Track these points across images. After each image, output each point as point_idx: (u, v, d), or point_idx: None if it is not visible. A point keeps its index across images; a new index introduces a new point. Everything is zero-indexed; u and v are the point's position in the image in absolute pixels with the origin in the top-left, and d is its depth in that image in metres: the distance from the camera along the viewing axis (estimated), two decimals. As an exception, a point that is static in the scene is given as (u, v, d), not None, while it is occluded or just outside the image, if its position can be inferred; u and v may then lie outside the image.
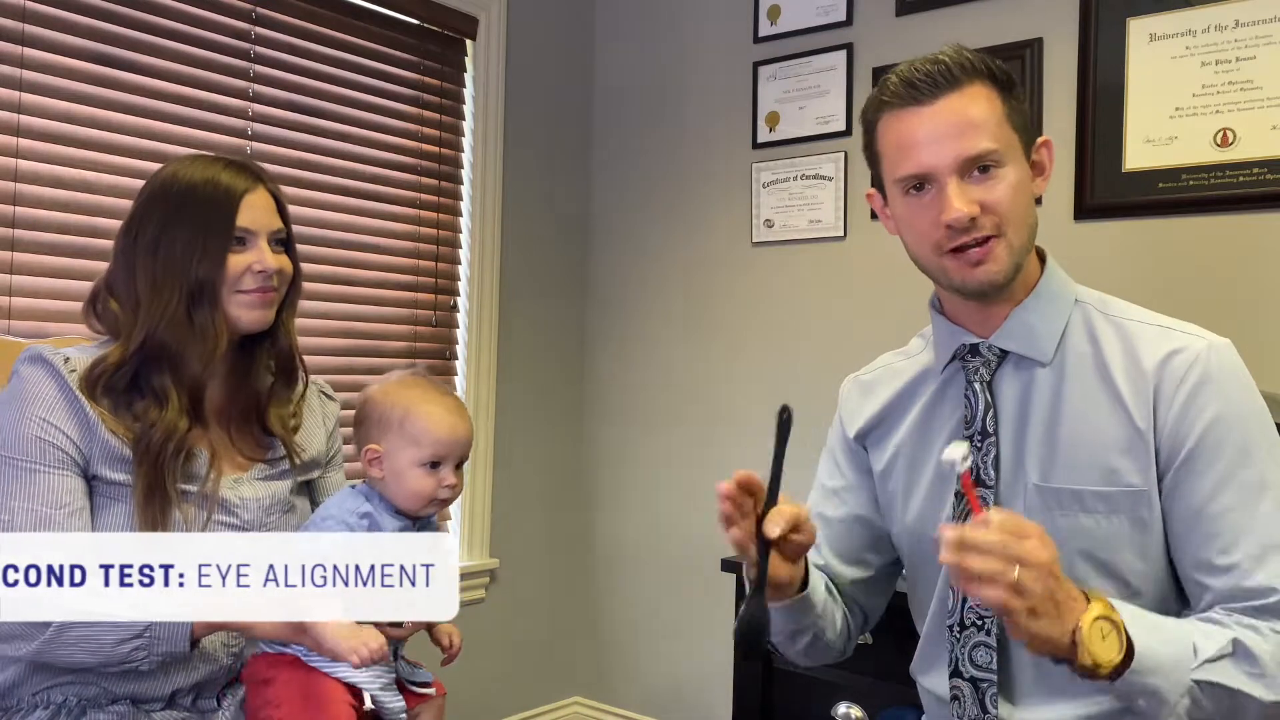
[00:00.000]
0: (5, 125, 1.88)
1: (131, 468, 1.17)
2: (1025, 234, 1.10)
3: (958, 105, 1.07)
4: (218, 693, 1.27)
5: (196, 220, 1.21)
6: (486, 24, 2.73)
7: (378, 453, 1.23)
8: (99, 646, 1.11)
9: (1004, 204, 1.07)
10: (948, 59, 1.09)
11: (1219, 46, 1.99)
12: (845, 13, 2.50)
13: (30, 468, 1.14)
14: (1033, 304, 1.13)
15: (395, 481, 1.23)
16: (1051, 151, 1.16)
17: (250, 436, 1.32)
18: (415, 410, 1.23)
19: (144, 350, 1.19)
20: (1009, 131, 1.09)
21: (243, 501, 1.25)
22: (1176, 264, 2.04)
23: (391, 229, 2.55)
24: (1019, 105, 1.11)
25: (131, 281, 1.22)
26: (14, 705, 1.17)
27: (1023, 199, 1.09)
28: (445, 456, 1.23)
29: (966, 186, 1.06)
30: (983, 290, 1.10)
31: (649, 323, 2.91)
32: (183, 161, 1.27)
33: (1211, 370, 1.06)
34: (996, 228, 1.07)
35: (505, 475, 2.80)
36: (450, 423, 1.24)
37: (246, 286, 1.23)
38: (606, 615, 2.98)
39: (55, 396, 1.16)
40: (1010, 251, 1.08)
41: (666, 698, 2.82)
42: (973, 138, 1.06)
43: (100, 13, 2.01)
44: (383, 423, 1.24)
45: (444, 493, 1.24)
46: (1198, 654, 0.97)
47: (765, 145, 2.65)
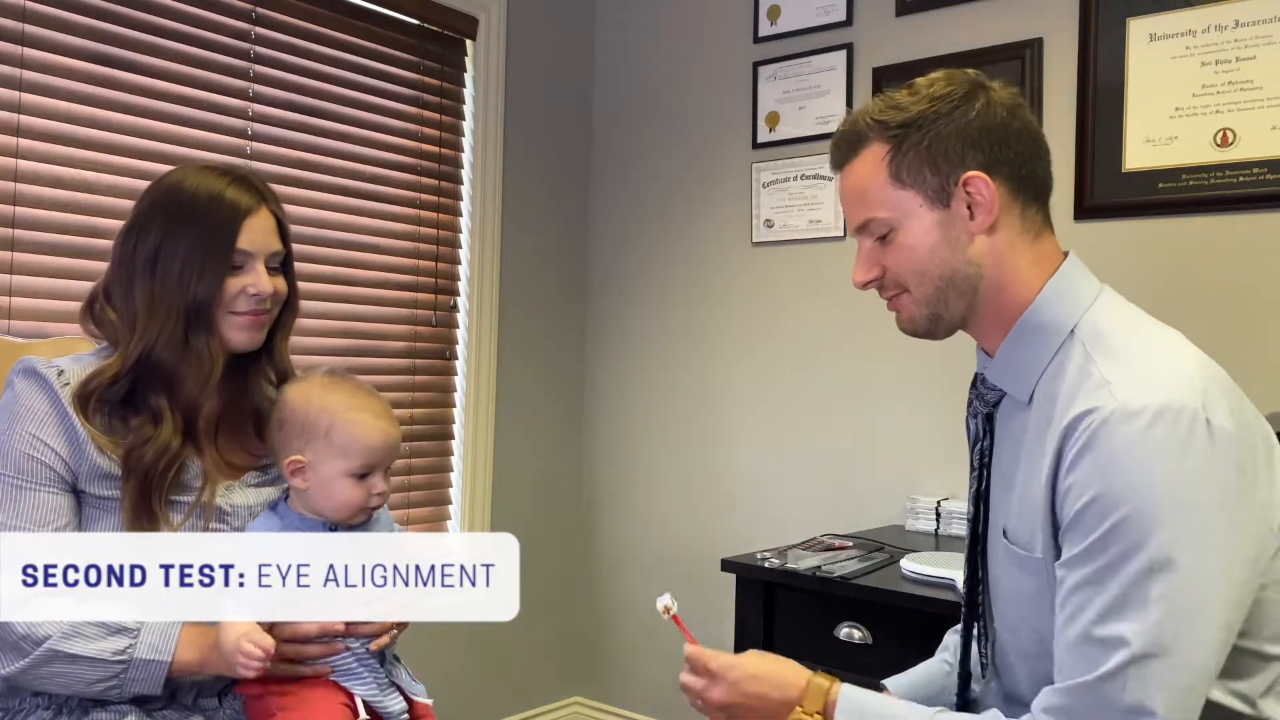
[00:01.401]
0: (5, 125, 1.88)
1: (119, 484, 1.16)
2: (931, 286, 1.07)
3: (851, 175, 1.10)
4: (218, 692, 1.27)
5: (196, 238, 1.20)
6: (486, 24, 2.72)
7: (301, 463, 1.18)
8: (73, 683, 1.11)
9: (898, 266, 1.08)
10: (844, 127, 1.11)
11: (1219, 46, 1.99)
12: (845, 13, 2.50)
13: (19, 484, 1.13)
14: (1016, 336, 1.06)
15: (322, 492, 1.19)
16: (985, 186, 1.04)
17: (242, 444, 1.31)
18: (342, 419, 1.19)
19: (140, 367, 1.19)
20: (897, 191, 1.06)
21: (234, 509, 1.24)
22: (1176, 264, 2.04)
23: (391, 229, 2.55)
24: (921, 152, 1.05)
25: (129, 294, 1.21)
26: (15, 706, 1.17)
27: (921, 254, 1.06)
28: (375, 465, 1.20)
29: (875, 248, 1.09)
30: (909, 335, 1.13)
31: (649, 323, 2.91)
32: (188, 171, 1.26)
33: (1098, 440, 0.92)
34: (897, 285, 1.09)
35: (505, 475, 2.80)
36: (381, 429, 1.20)
37: (239, 308, 1.22)
38: (606, 615, 2.98)
39: (47, 412, 1.15)
40: (917, 304, 1.09)
41: (666, 698, 2.82)
42: (858, 209, 1.09)
43: (100, 13, 2.01)
44: (307, 431, 1.19)
45: (374, 501, 1.21)
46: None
47: (765, 145, 2.65)
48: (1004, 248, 1.06)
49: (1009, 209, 1.06)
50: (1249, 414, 0.99)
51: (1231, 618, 0.91)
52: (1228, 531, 0.90)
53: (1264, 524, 0.94)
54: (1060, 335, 1.03)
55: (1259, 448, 0.95)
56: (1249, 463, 0.93)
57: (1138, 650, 0.88)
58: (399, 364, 2.56)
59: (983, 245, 1.05)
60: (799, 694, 1.05)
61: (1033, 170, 1.07)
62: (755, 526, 2.58)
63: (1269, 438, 0.99)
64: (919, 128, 1.05)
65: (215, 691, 1.25)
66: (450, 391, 2.70)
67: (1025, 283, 1.06)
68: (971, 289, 1.06)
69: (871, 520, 2.38)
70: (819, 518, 2.45)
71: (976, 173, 1.04)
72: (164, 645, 1.13)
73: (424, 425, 2.60)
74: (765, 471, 2.66)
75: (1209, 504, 0.90)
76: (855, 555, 1.95)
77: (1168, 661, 0.88)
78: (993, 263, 1.05)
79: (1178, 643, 0.88)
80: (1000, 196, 1.05)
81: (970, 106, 1.05)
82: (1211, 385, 0.96)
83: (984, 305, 1.07)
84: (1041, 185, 1.09)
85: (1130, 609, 0.89)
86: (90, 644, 1.11)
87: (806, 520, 2.47)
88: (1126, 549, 0.89)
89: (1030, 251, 1.07)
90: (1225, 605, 0.90)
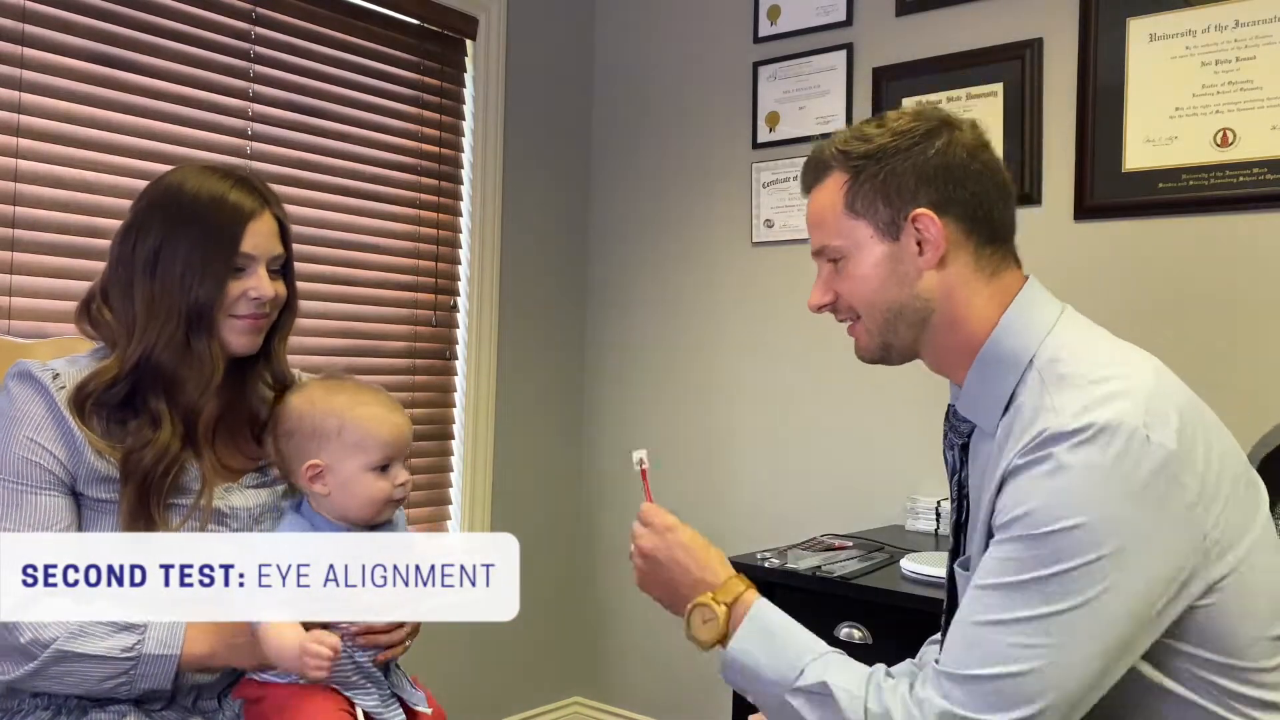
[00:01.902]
0: (5, 125, 1.88)
1: (117, 487, 1.16)
2: (880, 317, 1.09)
3: (813, 200, 1.13)
4: (218, 694, 1.27)
5: (198, 240, 1.19)
6: (486, 24, 2.72)
7: (319, 467, 1.18)
8: (82, 682, 1.12)
9: (849, 294, 1.10)
10: (812, 153, 1.13)
11: (1219, 46, 1.99)
12: (845, 13, 2.50)
13: (19, 488, 1.13)
14: (977, 369, 1.06)
15: (344, 493, 1.18)
16: (932, 223, 1.04)
17: (240, 446, 1.31)
18: (351, 416, 1.19)
19: (139, 369, 1.18)
20: (851, 221, 1.08)
21: (233, 510, 1.24)
22: (1176, 264, 2.04)
23: (391, 229, 2.55)
24: (876, 185, 1.06)
25: (128, 295, 1.20)
26: (15, 706, 1.17)
27: (871, 284, 1.08)
28: (394, 456, 1.20)
29: (830, 274, 1.12)
30: (863, 362, 1.16)
31: (649, 322, 2.91)
32: (189, 171, 1.24)
33: (1036, 461, 0.93)
34: (850, 311, 1.12)
35: (505, 475, 2.80)
36: (391, 420, 1.21)
37: (240, 311, 1.22)
38: (606, 615, 2.98)
39: (43, 416, 1.15)
40: (869, 334, 1.12)
41: (666, 698, 2.82)
42: (815, 234, 1.13)
43: (100, 13, 2.01)
44: (318, 435, 1.18)
45: (398, 493, 1.21)
46: (800, 678, 0.99)
47: (765, 145, 2.65)
48: (956, 284, 1.06)
49: (961, 247, 1.06)
50: (1211, 436, 0.97)
51: (1130, 635, 0.91)
52: (1150, 551, 0.90)
53: (1195, 545, 0.92)
54: (1019, 366, 1.03)
55: (1207, 467, 0.93)
56: (1191, 481, 0.92)
57: (1031, 666, 0.90)
58: (399, 364, 2.56)
59: (932, 280, 1.07)
60: (717, 582, 1.10)
61: (989, 212, 1.07)
62: (755, 526, 2.58)
63: (1229, 460, 0.98)
64: (877, 160, 1.07)
65: (215, 694, 1.25)
66: (450, 391, 2.70)
67: (981, 317, 1.06)
68: (921, 321, 1.08)
69: (871, 520, 2.38)
70: (819, 518, 2.45)
71: (925, 210, 1.05)
72: (172, 640, 1.14)
73: (424, 425, 2.60)
74: (765, 471, 2.66)
75: (1134, 521, 0.90)
76: (855, 555, 1.95)
77: (1056, 671, 0.90)
78: (943, 297, 1.07)
79: (1068, 657, 0.90)
80: (952, 235, 1.06)
81: (930, 144, 1.06)
82: (1161, 402, 0.94)
83: (938, 339, 1.09)
84: (999, 226, 1.09)
85: (1031, 620, 0.91)
86: (98, 642, 1.11)
87: (806, 520, 2.47)
88: (1046, 559, 0.91)
89: (986, 288, 1.07)
90: (1126, 621, 0.91)
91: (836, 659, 1.01)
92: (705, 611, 1.08)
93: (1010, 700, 0.90)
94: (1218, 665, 0.95)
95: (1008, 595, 0.92)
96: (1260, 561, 0.96)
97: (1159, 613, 0.92)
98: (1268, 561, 0.97)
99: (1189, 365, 1.99)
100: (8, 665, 1.10)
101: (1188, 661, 0.95)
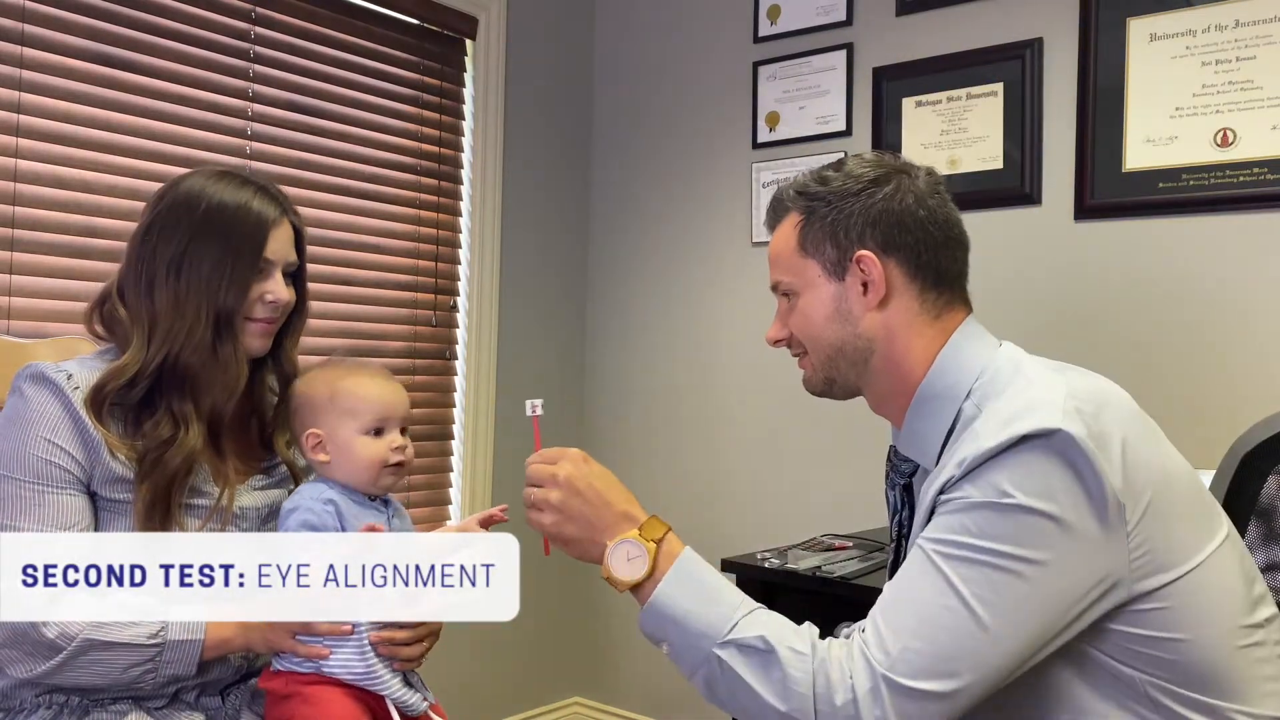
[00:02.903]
0: (5, 125, 1.88)
1: (132, 487, 1.17)
2: (824, 353, 1.14)
3: (774, 238, 1.19)
4: (221, 690, 1.27)
5: (225, 245, 1.20)
6: (486, 24, 2.72)
7: (319, 436, 1.21)
8: (108, 671, 1.12)
9: (798, 329, 1.16)
10: (775, 194, 1.19)
11: (1219, 46, 1.99)
12: (845, 13, 2.50)
13: (39, 489, 1.14)
14: (915, 408, 1.10)
15: (344, 457, 1.21)
16: (874, 265, 1.08)
17: (247, 447, 1.32)
18: (342, 384, 1.23)
19: (161, 370, 1.19)
20: (802, 259, 1.13)
21: (242, 511, 1.25)
22: (1176, 264, 2.04)
23: (391, 229, 2.55)
24: (826, 226, 1.11)
25: (148, 295, 1.21)
26: (16, 706, 1.17)
27: (817, 321, 1.13)
28: (387, 419, 1.23)
29: (785, 309, 1.18)
30: (811, 394, 1.20)
31: (649, 322, 2.91)
32: (209, 176, 1.25)
33: (960, 482, 0.96)
34: (800, 346, 1.17)
35: (505, 475, 2.79)
36: (381, 385, 1.24)
37: (255, 314, 1.24)
38: (607, 615, 2.98)
39: (59, 416, 1.15)
40: (814, 368, 1.16)
41: (666, 698, 2.82)
42: (772, 270, 1.19)
43: (100, 13, 2.01)
44: (313, 406, 1.23)
45: (394, 456, 1.22)
46: (732, 631, 0.97)
47: (765, 145, 2.65)
48: (898, 325, 1.10)
49: (905, 290, 1.10)
50: (1142, 451, 0.97)
51: (1050, 623, 0.93)
52: (1065, 550, 0.92)
53: (1116, 555, 0.93)
54: (955, 403, 1.06)
55: (1127, 474, 0.94)
56: (1115, 480, 0.93)
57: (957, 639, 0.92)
58: (399, 364, 2.56)
59: (874, 321, 1.10)
60: (641, 518, 1.06)
61: (935, 257, 1.10)
62: (755, 526, 2.58)
63: (1170, 478, 0.99)
64: (828, 202, 1.11)
65: (218, 690, 1.26)
66: (450, 391, 2.70)
67: (919, 359, 1.10)
68: (863, 360, 1.12)
69: (872, 520, 2.38)
70: (819, 518, 2.45)
71: (868, 252, 1.09)
72: (195, 625, 1.15)
73: (424, 425, 2.60)
74: (765, 471, 2.66)
75: (1047, 516, 0.92)
76: (855, 555, 1.95)
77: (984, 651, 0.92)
78: (885, 338, 1.10)
79: (994, 635, 0.92)
80: (895, 278, 1.09)
81: (879, 189, 1.10)
82: (1083, 404, 0.96)
83: (879, 378, 1.12)
84: (944, 272, 1.11)
85: (961, 594, 0.93)
86: (124, 630, 1.12)
87: (806, 520, 2.47)
88: (977, 537, 0.93)
89: (929, 330, 1.10)
90: (1043, 610, 0.92)
91: (766, 614, 1.01)
92: (631, 548, 1.03)
93: (932, 670, 0.91)
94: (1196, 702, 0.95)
95: (946, 565, 0.94)
96: (1213, 580, 0.97)
97: (1082, 610, 0.94)
98: (1221, 582, 0.98)
99: (1189, 365, 2.00)
100: (36, 661, 1.11)
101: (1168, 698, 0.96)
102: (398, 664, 1.20)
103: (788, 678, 0.94)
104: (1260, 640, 0.98)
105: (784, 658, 0.95)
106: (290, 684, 1.17)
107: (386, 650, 1.18)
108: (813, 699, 0.93)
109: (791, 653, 0.95)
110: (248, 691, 1.28)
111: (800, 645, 0.96)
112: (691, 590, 1.02)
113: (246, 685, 1.29)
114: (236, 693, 1.28)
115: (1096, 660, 0.97)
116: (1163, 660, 0.95)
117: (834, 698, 0.92)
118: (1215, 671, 0.95)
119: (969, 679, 0.91)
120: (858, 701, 0.91)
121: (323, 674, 1.16)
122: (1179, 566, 0.95)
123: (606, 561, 1.04)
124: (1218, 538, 1.00)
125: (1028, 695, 0.99)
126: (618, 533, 1.05)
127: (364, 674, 1.17)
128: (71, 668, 1.11)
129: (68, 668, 1.11)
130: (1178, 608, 0.95)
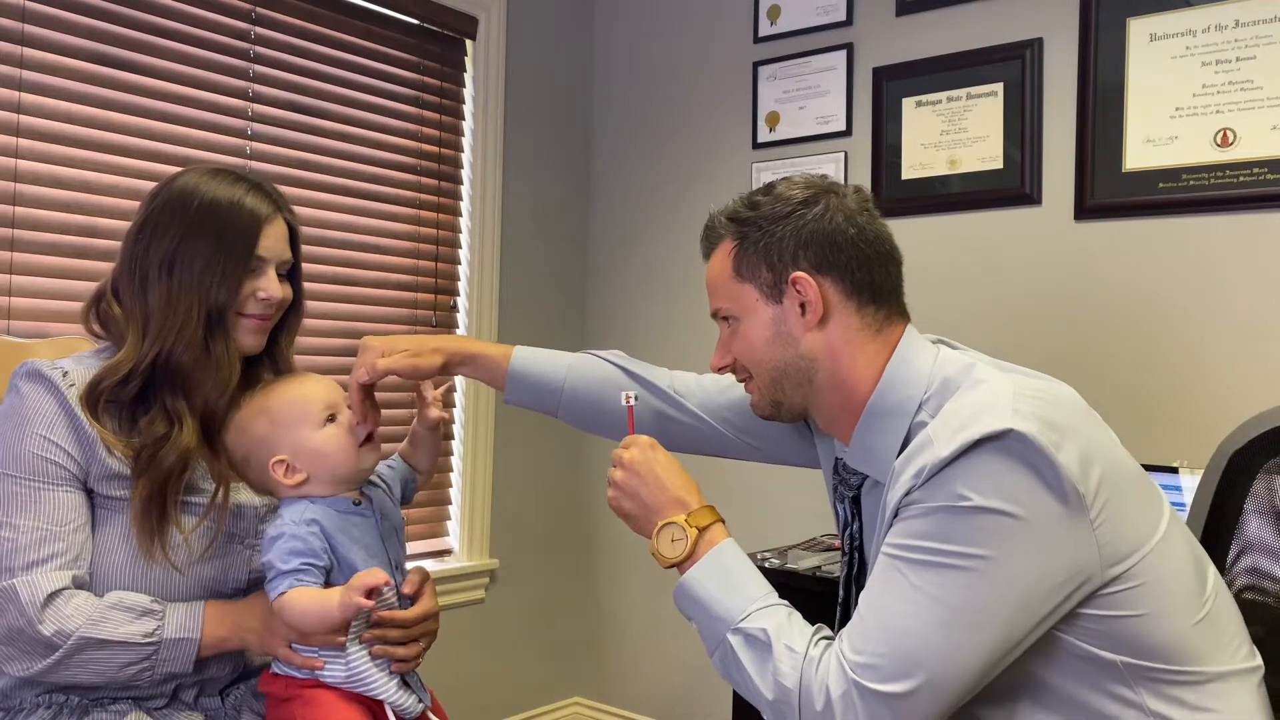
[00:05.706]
0: (5, 125, 1.88)
1: (129, 484, 1.17)
2: (768, 376, 1.15)
3: (709, 266, 1.21)
4: (219, 690, 1.27)
5: (217, 242, 1.20)
6: (486, 24, 2.73)
7: (285, 460, 1.17)
8: (105, 669, 1.12)
9: (741, 354, 1.18)
10: (708, 222, 1.21)
11: (1219, 46, 1.99)
12: (845, 13, 2.50)
13: (36, 486, 1.14)
14: (865, 423, 1.11)
15: (318, 461, 1.18)
16: (809, 286, 1.10)
17: None
18: (270, 403, 1.19)
19: (155, 367, 1.19)
20: (739, 285, 1.15)
21: (240, 508, 1.25)
22: (1176, 264, 2.04)
23: (391, 229, 2.55)
24: (759, 250, 1.13)
25: (141, 292, 1.21)
26: (16, 705, 1.17)
27: (758, 345, 1.15)
28: (332, 403, 1.20)
29: (727, 335, 1.20)
30: (760, 418, 1.22)
31: (649, 323, 2.91)
32: (203, 174, 1.25)
33: (920, 491, 0.97)
34: (745, 371, 1.19)
35: (505, 475, 2.80)
36: (301, 381, 1.22)
37: (248, 311, 1.24)
38: (606, 615, 2.98)
39: (55, 413, 1.15)
40: (760, 391, 1.18)
41: (666, 698, 2.82)
42: (711, 298, 1.21)
43: (100, 13, 2.01)
44: (260, 440, 1.18)
45: (361, 430, 1.20)
46: (743, 620, 1.03)
47: (765, 145, 2.65)
48: (839, 344, 1.11)
49: (842, 308, 1.11)
50: (1093, 444, 0.99)
51: (1018, 618, 0.94)
52: (1027, 545, 0.93)
53: (1084, 545, 0.94)
54: (907, 417, 1.08)
55: (1084, 469, 0.95)
56: (1072, 470, 0.94)
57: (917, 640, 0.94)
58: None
59: (815, 340, 1.12)
60: (692, 506, 1.13)
61: (869, 274, 1.12)
62: (755, 526, 2.58)
63: (1117, 467, 1.00)
64: (759, 227, 1.13)
65: (217, 690, 1.26)
66: (450, 392, 2.70)
67: (864, 376, 1.11)
68: (807, 380, 1.13)
69: (871, 520, 2.38)
70: (819, 518, 2.45)
71: (803, 273, 1.11)
72: (192, 624, 1.16)
73: (424, 425, 2.60)
74: (765, 471, 2.66)
75: (1005, 514, 0.93)
76: (855, 555, 1.95)
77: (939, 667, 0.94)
78: (827, 357, 1.12)
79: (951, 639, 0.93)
80: (831, 296, 1.11)
81: (808, 210, 1.12)
82: (1032, 401, 0.97)
83: (825, 396, 1.14)
84: (879, 288, 1.13)
85: (922, 597, 0.94)
86: (119, 628, 1.12)
87: (806, 520, 2.47)
88: (936, 540, 0.95)
89: (871, 345, 1.12)
90: (1009, 606, 0.93)
91: (783, 611, 1.04)
92: (676, 530, 1.11)
93: (892, 673, 0.93)
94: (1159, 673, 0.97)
95: (908, 569, 0.96)
96: (1167, 562, 0.99)
97: (1057, 603, 0.95)
98: (1176, 553, 1.01)
99: (1189, 364, 2.00)
100: (32, 659, 1.11)
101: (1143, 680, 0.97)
102: (394, 666, 1.20)
103: (777, 672, 0.99)
104: (1212, 603, 1.02)
105: (777, 653, 0.99)
106: (290, 687, 1.17)
107: (381, 651, 1.18)
108: (797, 696, 0.97)
109: (785, 650, 0.99)
110: (247, 691, 1.28)
111: (796, 644, 0.99)
112: (718, 577, 1.07)
113: (246, 685, 1.29)
114: (236, 693, 1.28)
115: (1067, 646, 0.98)
116: (1131, 637, 0.97)
117: (814, 702, 0.96)
118: (1181, 641, 0.98)
119: (935, 679, 0.93)
120: (832, 705, 0.95)
121: (320, 680, 1.16)
122: (1141, 547, 0.97)
123: (654, 538, 1.12)
124: (1165, 515, 1.03)
125: (1000, 685, 1.00)
126: (668, 515, 1.12)
127: (358, 680, 1.16)
128: (68, 665, 1.11)
129: (64, 665, 1.11)
130: (1142, 585, 0.97)
